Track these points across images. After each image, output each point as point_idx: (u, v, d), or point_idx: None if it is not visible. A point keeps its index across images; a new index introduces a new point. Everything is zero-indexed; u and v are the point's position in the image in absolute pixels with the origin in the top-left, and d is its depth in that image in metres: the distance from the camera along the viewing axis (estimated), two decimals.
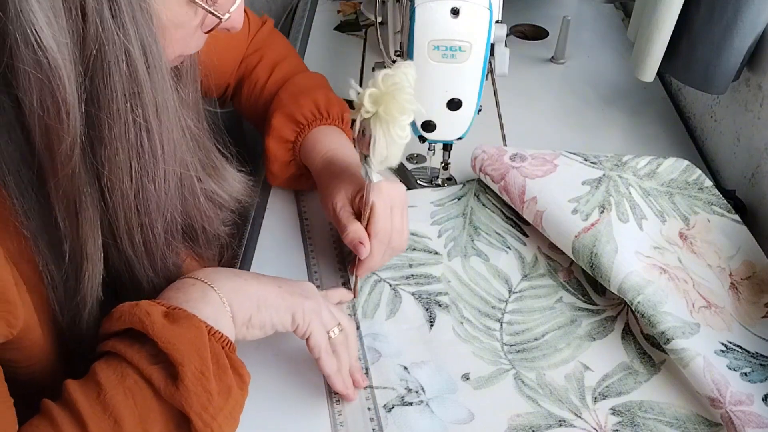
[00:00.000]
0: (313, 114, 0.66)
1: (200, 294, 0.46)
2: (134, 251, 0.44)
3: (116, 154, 0.39)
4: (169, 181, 0.44)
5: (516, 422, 0.51)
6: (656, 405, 0.52)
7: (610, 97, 0.87)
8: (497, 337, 0.58)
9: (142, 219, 0.43)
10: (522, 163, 0.67)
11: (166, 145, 0.42)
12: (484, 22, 0.58)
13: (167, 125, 0.42)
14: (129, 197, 0.42)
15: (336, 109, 0.68)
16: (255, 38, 0.75)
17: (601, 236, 0.59)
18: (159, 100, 0.40)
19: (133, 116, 0.39)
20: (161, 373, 0.41)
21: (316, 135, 0.65)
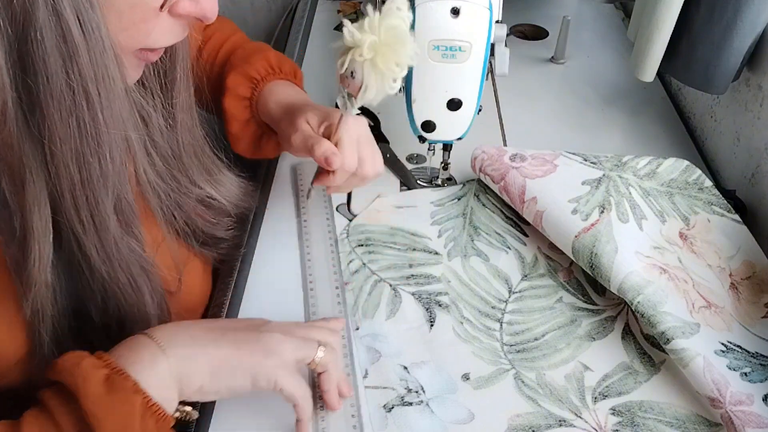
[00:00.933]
0: (266, 69, 0.66)
1: (149, 359, 0.43)
2: (83, 230, 0.43)
3: (54, 122, 0.38)
4: (114, 156, 0.42)
5: (516, 422, 0.51)
6: (656, 405, 0.52)
7: (610, 97, 0.87)
8: (497, 337, 0.58)
9: (87, 193, 0.42)
10: (522, 163, 0.67)
11: (108, 117, 0.40)
12: (484, 22, 0.58)
13: (110, 96, 0.40)
14: (71, 169, 0.40)
15: (288, 65, 0.68)
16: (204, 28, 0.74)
17: (601, 236, 0.59)
18: (99, 71, 0.39)
19: (68, 81, 0.38)
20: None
21: (272, 88, 0.65)
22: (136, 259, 0.47)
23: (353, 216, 0.69)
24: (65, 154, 0.40)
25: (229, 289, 0.62)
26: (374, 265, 0.64)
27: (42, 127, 0.38)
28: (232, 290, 0.62)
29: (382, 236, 0.67)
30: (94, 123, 0.40)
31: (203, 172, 0.56)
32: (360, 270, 0.63)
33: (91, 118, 0.40)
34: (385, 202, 0.70)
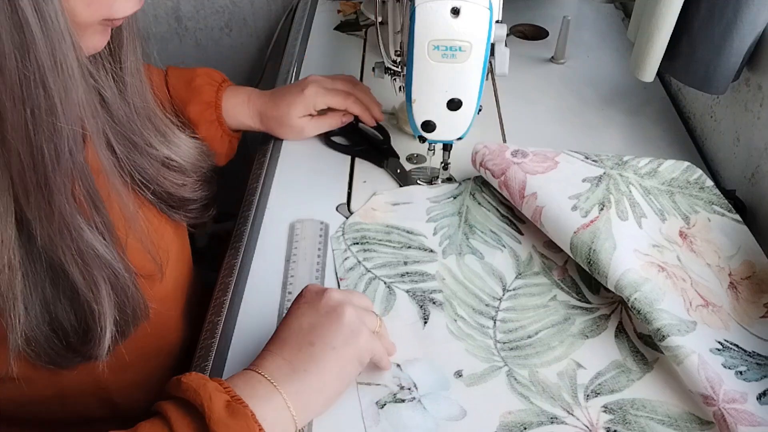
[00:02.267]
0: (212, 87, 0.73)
1: (264, 393, 0.45)
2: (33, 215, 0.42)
3: (6, 110, 0.38)
4: (69, 142, 0.42)
5: (508, 419, 0.51)
6: (648, 403, 0.52)
7: (610, 97, 0.87)
8: (491, 334, 0.58)
9: (39, 178, 0.41)
10: (523, 159, 0.67)
11: (65, 105, 0.40)
12: (484, 22, 0.58)
13: (67, 84, 0.40)
14: (22, 155, 0.40)
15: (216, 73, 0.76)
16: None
17: (599, 233, 0.59)
18: (57, 59, 0.39)
19: (23, 71, 0.38)
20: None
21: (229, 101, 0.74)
22: (92, 248, 0.46)
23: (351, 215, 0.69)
24: (16, 141, 0.39)
25: (229, 289, 0.63)
26: (369, 263, 0.64)
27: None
28: (232, 290, 0.62)
29: (378, 234, 0.67)
30: (50, 111, 0.40)
31: (158, 134, 0.56)
32: (355, 267, 0.63)
33: (48, 107, 0.39)
34: (380, 200, 0.71)
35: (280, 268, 0.64)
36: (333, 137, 0.79)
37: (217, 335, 0.58)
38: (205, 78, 0.73)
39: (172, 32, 1.27)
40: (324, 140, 0.79)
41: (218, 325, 0.59)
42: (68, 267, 0.45)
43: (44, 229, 0.43)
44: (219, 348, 0.57)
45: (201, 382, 0.43)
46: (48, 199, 0.42)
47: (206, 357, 0.57)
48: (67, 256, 0.45)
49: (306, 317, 0.50)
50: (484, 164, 0.69)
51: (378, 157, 0.77)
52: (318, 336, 0.48)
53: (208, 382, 0.44)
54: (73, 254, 0.45)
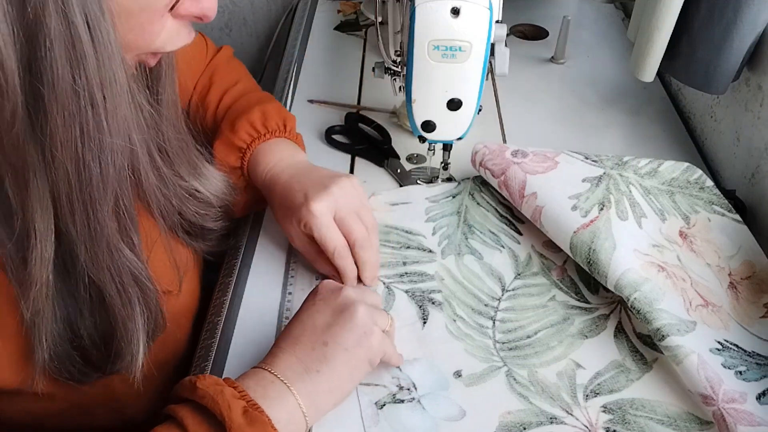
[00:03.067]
0: (250, 135, 0.65)
1: (277, 395, 0.46)
2: (77, 233, 0.43)
3: (56, 126, 0.39)
4: (115, 160, 0.42)
5: (507, 419, 0.51)
6: (648, 403, 0.52)
7: (610, 97, 0.87)
8: (490, 334, 0.58)
9: (84, 197, 0.42)
10: (523, 159, 0.67)
11: (112, 122, 0.41)
12: (484, 22, 0.58)
13: (115, 102, 0.41)
14: (70, 173, 0.40)
15: (274, 121, 0.66)
16: (210, 63, 0.75)
17: (599, 233, 0.59)
18: (106, 77, 0.39)
19: (75, 87, 0.38)
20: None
21: (257, 156, 0.64)
22: (129, 266, 0.47)
23: None
24: (65, 158, 0.40)
25: (229, 289, 0.63)
26: None
27: (44, 130, 0.39)
28: (232, 290, 0.62)
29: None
30: (98, 128, 0.40)
31: (188, 165, 0.57)
32: None
33: (96, 124, 0.40)
34: (379, 200, 0.71)
35: (280, 268, 0.64)
36: (334, 135, 0.79)
37: (217, 335, 0.58)
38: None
39: None
40: (324, 138, 0.79)
41: (218, 325, 0.59)
42: (107, 286, 0.46)
43: (88, 249, 0.44)
44: (219, 348, 0.57)
45: (218, 388, 0.43)
46: (94, 217, 0.43)
47: (206, 357, 0.57)
48: (107, 275, 0.45)
49: (320, 315, 0.50)
50: (484, 164, 0.69)
51: (378, 157, 0.77)
52: (331, 336, 0.49)
53: (225, 388, 0.43)
54: (113, 273, 0.46)
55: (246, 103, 0.69)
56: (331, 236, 0.58)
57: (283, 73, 0.92)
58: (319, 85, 0.90)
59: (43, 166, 0.40)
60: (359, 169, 0.76)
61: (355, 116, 0.82)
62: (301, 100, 0.87)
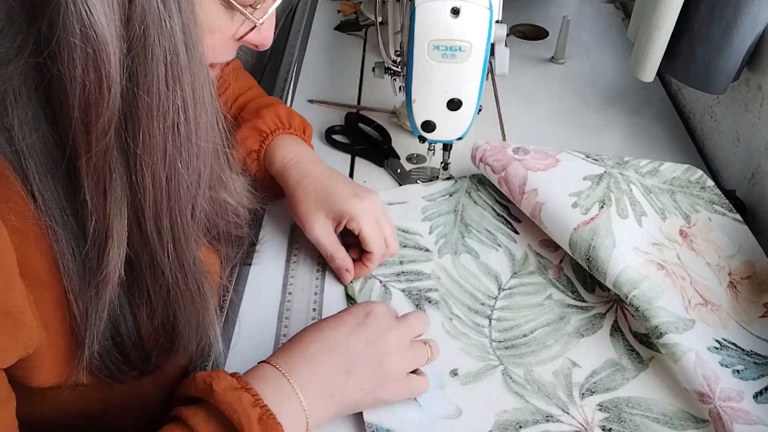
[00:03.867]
0: (275, 123, 0.67)
1: (289, 405, 0.46)
2: (160, 237, 0.44)
3: (152, 135, 0.40)
4: (201, 167, 0.44)
5: (503, 418, 0.51)
6: (643, 401, 0.52)
7: (610, 97, 0.87)
8: (486, 333, 0.58)
9: (172, 204, 0.43)
10: (525, 156, 0.67)
11: (200, 130, 0.43)
12: (484, 22, 0.58)
13: (202, 111, 0.42)
14: (160, 179, 0.42)
15: (298, 120, 0.69)
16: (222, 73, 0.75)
17: (599, 230, 0.59)
18: (197, 86, 0.41)
19: (172, 98, 0.40)
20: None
21: (279, 142, 0.66)
22: (198, 267, 0.48)
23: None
24: (157, 166, 0.41)
25: (229, 289, 0.63)
26: None
27: (138, 139, 0.40)
28: (232, 290, 0.63)
29: None
30: (188, 138, 0.42)
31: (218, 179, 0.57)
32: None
33: (186, 134, 0.41)
34: None
35: (280, 268, 0.64)
36: (334, 135, 0.80)
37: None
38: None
39: None
40: (325, 138, 0.80)
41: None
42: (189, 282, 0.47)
43: (171, 254, 0.45)
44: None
45: (236, 395, 0.43)
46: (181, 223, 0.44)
47: (207, 356, 0.57)
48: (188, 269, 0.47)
49: (357, 341, 0.50)
50: (485, 160, 0.69)
51: (378, 157, 0.77)
52: (356, 371, 0.49)
53: (243, 395, 0.44)
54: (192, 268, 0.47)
55: (267, 101, 0.71)
56: (378, 240, 0.61)
57: (283, 73, 0.93)
58: (319, 85, 0.90)
59: (127, 172, 0.41)
60: (359, 169, 0.76)
61: (355, 116, 0.82)
62: (301, 100, 0.87)
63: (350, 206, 0.60)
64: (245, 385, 0.45)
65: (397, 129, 0.81)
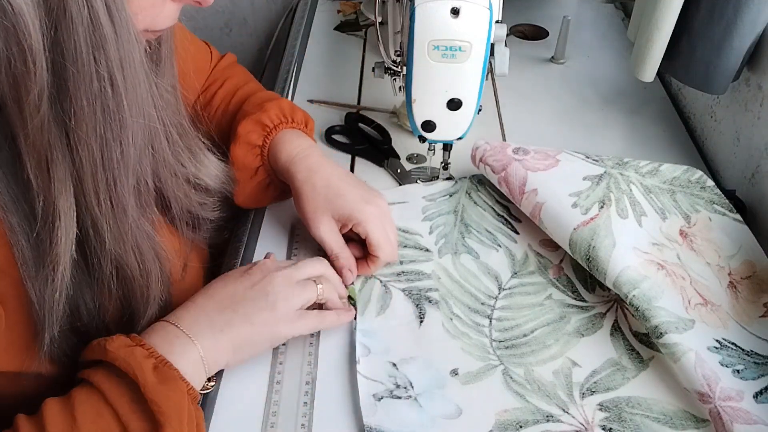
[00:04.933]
0: (279, 117, 0.66)
1: (181, 349, 0.48)
2: (101, 212, 0.44)
3: (81, 107, 0.40)
4: (136, 138, 0.44)
5: (503, 417, 0.51)
6: (644, 401, 0.52)
7: (610, 97, 0.87)
8: (486, 333, 0.58)
9: (108, 176, 0.43)
10: (525, 156, 0.67)
11: (131, 101, 0.42)
12: (484, 22, 0.58)
13: (133, 81, 0.42)
14: (95, 152, 0.42)
15: (300, 114, 0.68)
16: (215, 69, 0.75)
17: (599, 230, 0.59)
18: (124, 55, 0.40)
19: (96, 68, 0.39)
20: (138, 424, 0.44)
21: (282, 137, 0.65)
22: (149, 243, 0.49)
23: None
24: (89, 138, 0.41)
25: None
26: None
27: (69, 111, 0.40)
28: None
29: None
30: (118, 108, 0.41)
31: (187, 151, 0.57)
32: None
33: (116, 104, 0.41)
34: None
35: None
36: (334, 135, 0.80)
37: None
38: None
39: None
40: (325, 139, 0.80)
41: None
42: (129, 261, 0.48)
43: (112, 226, 0.45)
44: None
45: (128, 350, 0.45)
46: (116, 195, 0.44)
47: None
48: (129, 251, 0.47)
49: (240, 286, 0.53)
50: (485, 160, 0.69)
51: (378, 157, 0.77)
52: (242, 307, 0.52)
53: (135, 349, 0.46)
54: (133, 249, 0.47)
55: (267, 95, 0.70)
56: (386, 246, 0.61)
57: (283, 73, 0.93)
58: (319, 85, 0.90)
59: (67, 147, 0.41)
60: (359, 169, 0.76)
61: (355, 116, 0.82)
62: (301, 100, 0.87)
63: (359, 212, 0.60)
64: (139, 342, 0.47)
65: (397, 129, 0.81)
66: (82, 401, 0.44)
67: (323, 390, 0.54)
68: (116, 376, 0.45)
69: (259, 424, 0.52)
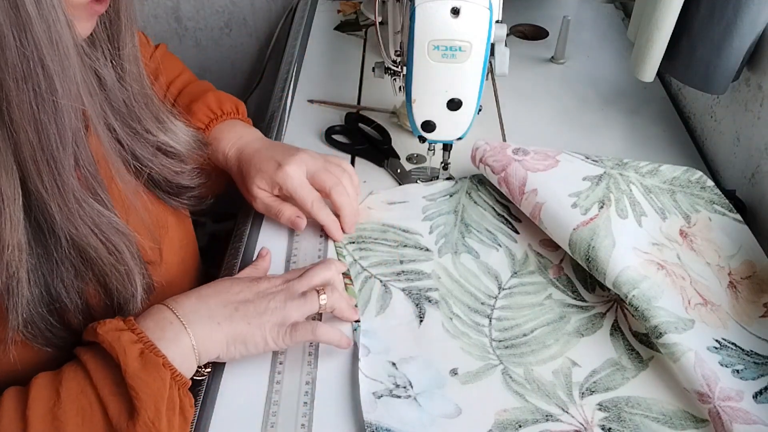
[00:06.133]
0: (207, 116, 0.70)
1: (173, 336, 0.49)
2: (47, 194, 0.44)
3: (11, 90, 0.39)
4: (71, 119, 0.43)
5: (503, 417, 0.51)
6: (643, 401, 0.52)
7: (610, 97, 0.87)
8: (486, 332, 0.58)
9: (47, 156, 0.42)
10: (524, 156, 0.67)
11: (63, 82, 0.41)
12: (484, 22, 0.58)
13: (64, 63, 0.41)
14: (30, 135, 0.41)
15: (228, 104, 0.72)
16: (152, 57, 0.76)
17: (599, 230, 0.59)
18: (53, 38, 0.40)
19: (23, 51, 0.39)
20: (117, 405, 0.45)
21: (216, 135, 0.70)
22: (108, 221, 0.48)
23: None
24: (23, 121, 0.40)
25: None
26: (365, 262, 0.64)
27: (1, 96, 0.39)
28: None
29: (374, 233, 0.67)
30: (50, 89, 0.41)
31: (155, 120, 0.58)
32: (351, 266, 0.63)
33: (47, 85, 0.41)
34: (377, 199, 0.71)
35: (280, 268, 0.64)
36: (334, 135, 0.80)
37: None
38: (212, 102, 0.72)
39: (172, 32, 1.27)
40: (325, 138, 0.80)
41: None
42: (89, 240, 0.47)
43: (61, 207, 0.45)
44: None
45: (116, 334, 0.46)
46: (59, 175, 0.44)
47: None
48: (86, 230, 0.47)
49: (247, 290, 0.54)
50: (485, 160, 0.69)
51: (378, 157, 0.77)
52: (244, 307, 0.53)
53: (123, 334, 0.46)
54: (91, 227, 0.47)
55: (196, 90, 0.73)
56: (306, 193, 0.64)
57: (283, 73, 0.93)
58: (319, 85, 0.90)
59: (4, 130, 0.41)
60: (359, 169, 0.76)
61: (355, 116, 0.82)
62: (301, 100, 0.87)
63: (277, 176, 0.64)
64: (132, 326, 0.47)
65: (397, 129, 0.81)
66: (69, 378, 0.46)
67: (323, 390, 0.54)
68: (103, 358, 0.46)
69: (259, 424, 0.52)
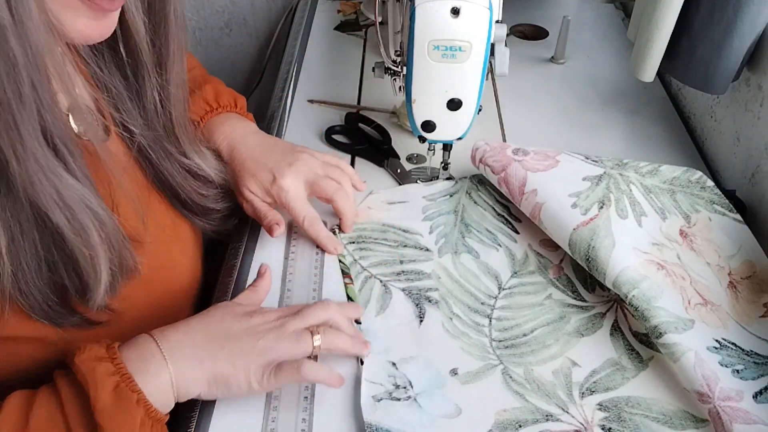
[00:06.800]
0: (203, 109, 0.68)
1: (154, 371, 0.47)
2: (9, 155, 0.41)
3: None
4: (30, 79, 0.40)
5: (503, 417, 0.51)
6: (643, 401, 0.52)
7: (610, 97, 0.87)
8: (486, 332, 0.58)
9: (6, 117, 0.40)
10: (524, 157, 0.67)
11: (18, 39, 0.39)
12: (484, 22, 0.58)
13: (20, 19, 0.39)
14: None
15: (225, 97, 0.70)
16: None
17: (599, 230, 0.59)
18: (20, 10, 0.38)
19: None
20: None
21: (210, 127, 0.68)
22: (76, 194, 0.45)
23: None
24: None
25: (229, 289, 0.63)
26: (365, 262, 0.64)
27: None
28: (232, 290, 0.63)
29: (374, 233, 0.67)
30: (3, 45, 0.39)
31: (191, 142, 0.58)
32: (351, 266, 0.63)
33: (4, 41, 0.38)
34: (377, 199, 0.71)
35: (279, 268, 0.64)
36: (334, 135, 0.80)
37: None
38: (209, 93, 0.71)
39: None
40: (324, 138, 0.80)
41: None
42: (51, 211, 0.44)
43: (22, 171, 0.42)
44: None
45: (91, 365, 0.45)
46: (20, 138, 0.41)
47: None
48: (47, 199, 0.43)
49: (237, 324, 0.52)
50: (485, 160, 0.69)
51: (378, 157, 0.77)
52: (230, 344, 0.50)
53: (99, 365, 0.45)
54: (54, 197, 0.44)
55: (194, 81, 0.72)
56: (300, 207, 0.64)
57: (283, 73, 0.93)
58: (319, 85, 0.90)
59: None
60: (359, 169, 0.76)
61: (355, 116, 0.82)
62: (301, 100, 0.87)
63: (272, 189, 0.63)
64: (112, 355, 0.46)
65: (397, 129, 0.81)
66: (41, 403, 0.45)
67: (323, 390, 0.54)
68: (77, 387, 0.45)
69: (259, 424, 0.52)
